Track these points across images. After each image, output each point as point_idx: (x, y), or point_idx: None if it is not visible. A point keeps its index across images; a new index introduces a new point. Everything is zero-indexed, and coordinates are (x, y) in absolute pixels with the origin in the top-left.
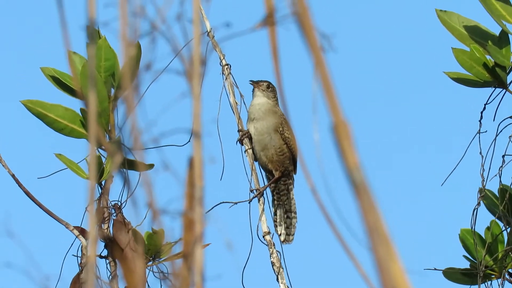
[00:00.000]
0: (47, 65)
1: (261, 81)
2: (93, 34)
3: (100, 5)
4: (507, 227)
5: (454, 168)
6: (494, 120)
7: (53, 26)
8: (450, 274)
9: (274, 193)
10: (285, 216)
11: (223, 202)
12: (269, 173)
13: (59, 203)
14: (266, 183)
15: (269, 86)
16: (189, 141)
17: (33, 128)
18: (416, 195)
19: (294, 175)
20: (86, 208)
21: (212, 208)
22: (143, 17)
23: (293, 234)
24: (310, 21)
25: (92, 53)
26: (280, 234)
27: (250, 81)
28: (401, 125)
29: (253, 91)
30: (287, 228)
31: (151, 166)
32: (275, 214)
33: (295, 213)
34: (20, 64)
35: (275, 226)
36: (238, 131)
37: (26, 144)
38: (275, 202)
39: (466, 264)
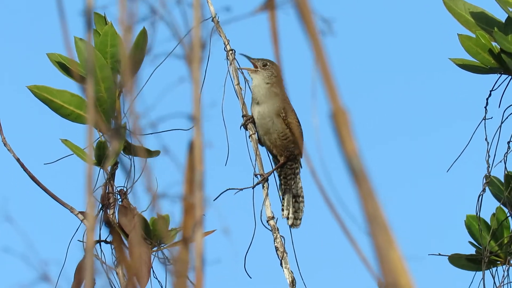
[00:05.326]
0: (54, 51)
1: (258, 59)
2: (90, 19)
3: None
4: None
5: (460, 155)
6: (499, 106)
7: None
8: (456, 260)
9: (281, 177)
10: (293, 200)
11: (229, 189)
12: (275, 157)
13: (65, 189)
14: (272, 167)
15: (266, 64)
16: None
17: (39, 113)
18: (422, 181)
19: (301, 159)
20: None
21: (219, 195)
22: (142, 0)
23: (301, 218)
24: (308, 5)
25: (90, 38)
26: (288, 218)
27: (243, 55)
28: (406, 111)
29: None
30: (295, 212)
31: (156, 152)
32: (283, 198)
33: (303, 197)
34: (26, 50)
35: (282, 210)
36: (242, 116)
37: (32, 129)
38: (282, 186)
39: (472, 250)
